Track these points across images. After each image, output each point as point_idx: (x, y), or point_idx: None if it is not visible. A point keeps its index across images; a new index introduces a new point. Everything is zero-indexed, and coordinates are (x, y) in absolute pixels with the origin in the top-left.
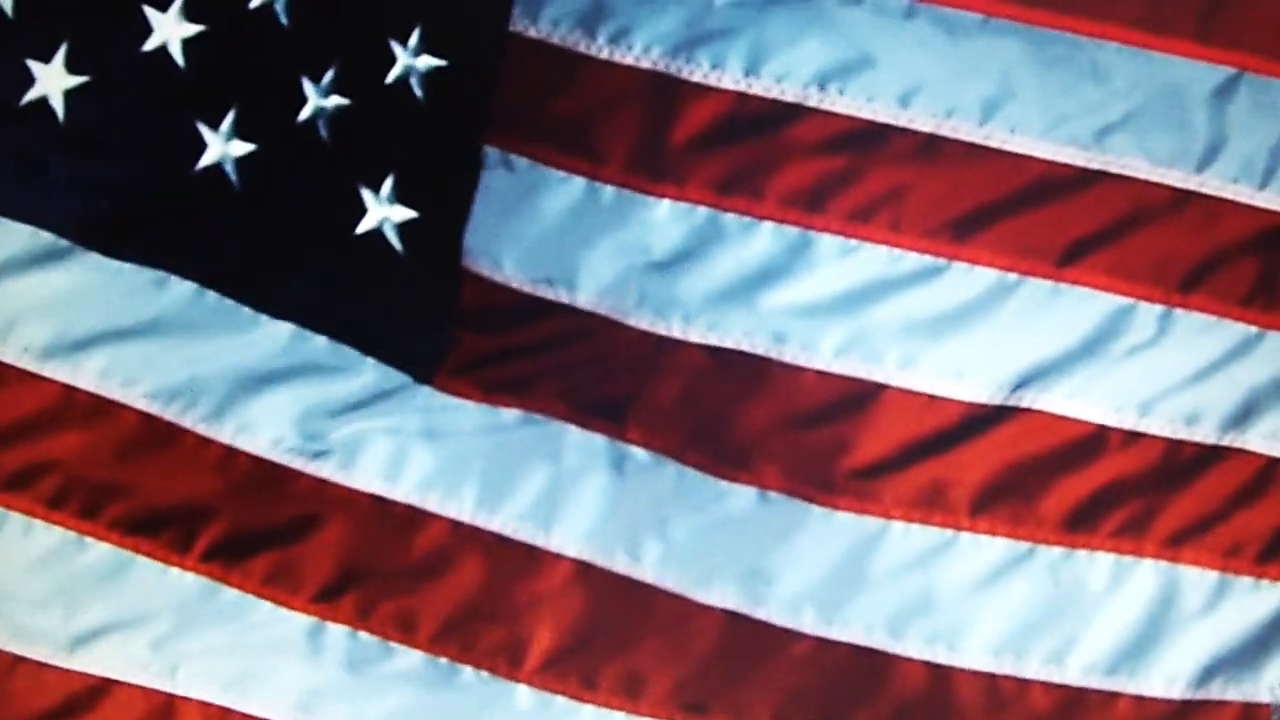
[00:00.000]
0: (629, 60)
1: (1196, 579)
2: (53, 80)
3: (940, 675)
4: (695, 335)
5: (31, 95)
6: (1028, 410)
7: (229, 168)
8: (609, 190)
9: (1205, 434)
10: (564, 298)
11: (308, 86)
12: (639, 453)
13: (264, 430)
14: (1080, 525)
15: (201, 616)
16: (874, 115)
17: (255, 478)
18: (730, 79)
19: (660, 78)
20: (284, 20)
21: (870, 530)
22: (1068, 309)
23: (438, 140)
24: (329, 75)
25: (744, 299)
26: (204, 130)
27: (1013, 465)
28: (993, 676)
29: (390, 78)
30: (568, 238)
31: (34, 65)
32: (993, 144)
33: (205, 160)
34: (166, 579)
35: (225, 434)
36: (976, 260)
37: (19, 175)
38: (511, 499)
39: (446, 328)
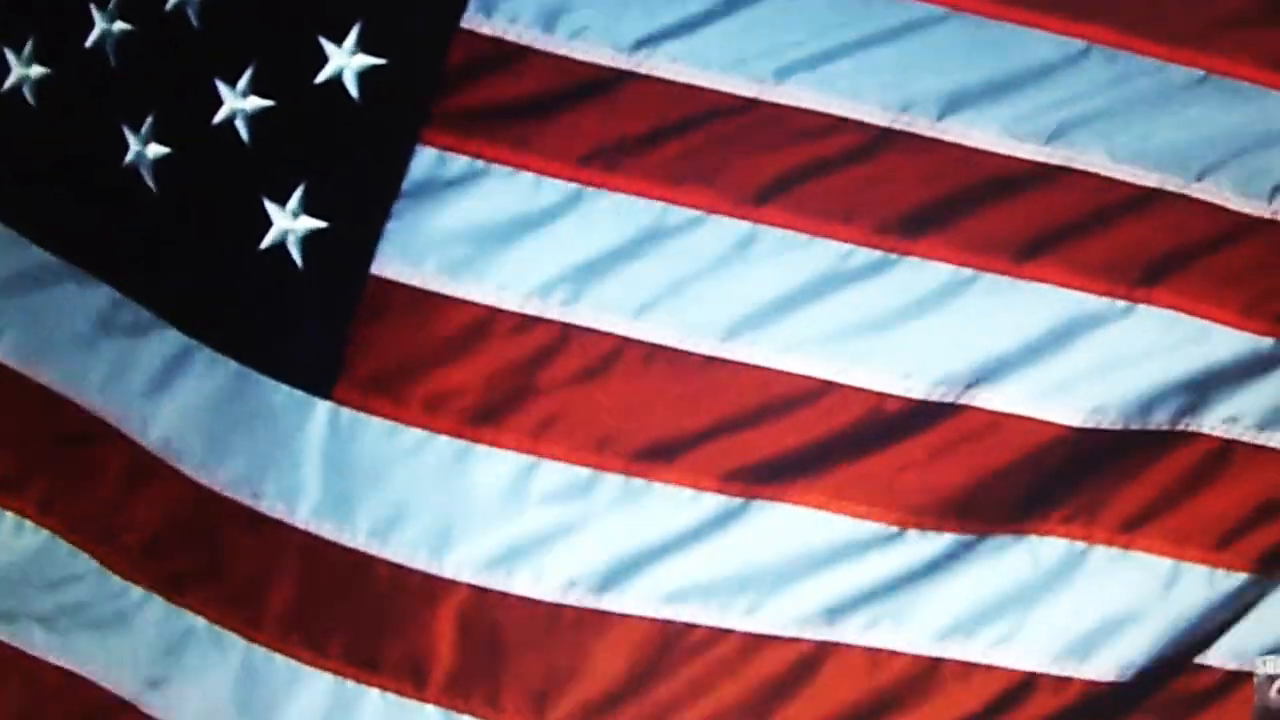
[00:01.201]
0: (588, 56)
1: (1151, 565)
2: (24, 69)
3: (881, 659)
4: (637, 333)
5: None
6: (979, 409)
7: (145, 171)
8: (557, 185)
9: (1159, 422)
10: (491, 298)
11: (222, 88)
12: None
13: (190, 457)
14: (1030, 513)
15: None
16: (827, 109)
17: (186, 498)
18: (687, 74)
19: (616, 73)
20: (195, 21)
21: (815, 522)
22: (1025, 305)
23: (368, 140)
24: (247, 75)
25: (690, 295)
26: (126, 131)
27: (963, 462)
28: (937, 660)
29: (321, 77)
30: (502, 234)
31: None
32: (949, 139)
33: (127, 160)
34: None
35: (165, 454)
36: (930, 255)
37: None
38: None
39: (342, 339)
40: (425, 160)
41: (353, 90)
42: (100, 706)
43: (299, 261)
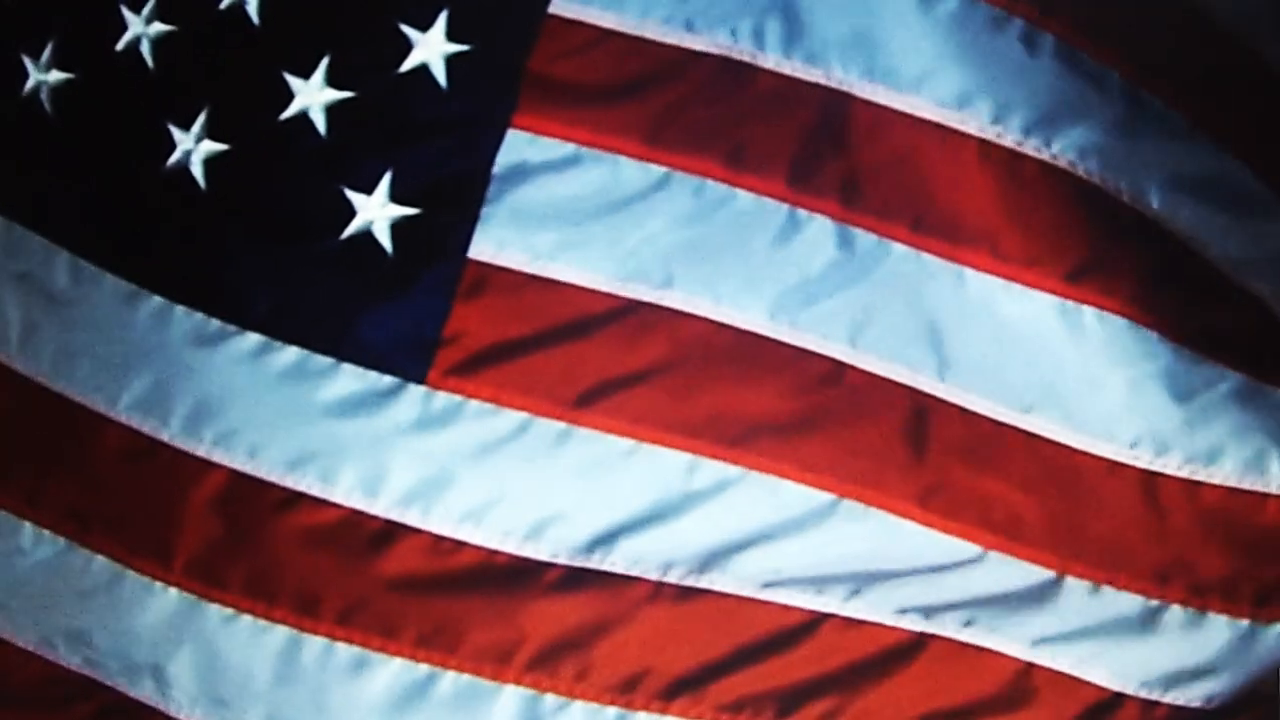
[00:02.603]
0: (684, 43)
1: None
2: (42, 74)
3: (974, 656)
4: (732, 320)
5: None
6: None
7: (196, 169)
8: (645, 167)
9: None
10: (585, 280)
11: (293, 81)
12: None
13: (239, 443)
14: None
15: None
16: None
17: (231, 492)
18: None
19: (721, 60)
20: (255, 18)
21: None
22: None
23: (457, 125)
24: (323, 67)
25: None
26: (174, 130)
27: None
28: (1030, 665)
29: (407, 65)
30: (594, 215)
31: (27, 60)
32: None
33: (173, 160)
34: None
35: (202, 449)
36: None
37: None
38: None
39: (438, 325)
40: (516, 143)
41: (440, 77)
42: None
43: (389, 249)
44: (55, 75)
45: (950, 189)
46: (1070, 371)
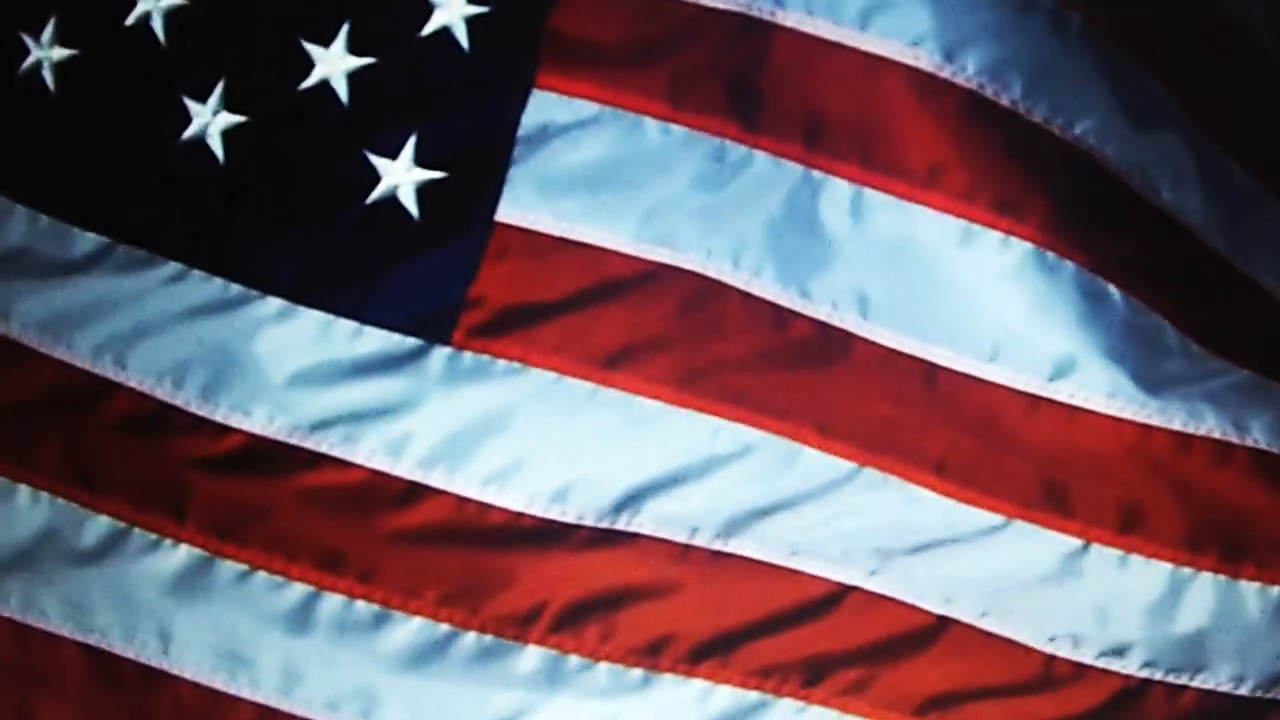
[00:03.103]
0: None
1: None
2: (44, 52)
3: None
4: (756, 289)
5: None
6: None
7: (213, 142)
8: (666, 127)
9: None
10: (608, 241)
11: (313, 49)
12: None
13: (258, 408)
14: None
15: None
16: None
17: (250, 454)
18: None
19: (741, 19)
20: None
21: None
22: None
23: (481, 87)
24: (343, 34)
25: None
26: (189, 103)
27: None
28: (1050, 657)
29: (429, 29)
30: (619, 176)
31: (27, 39)
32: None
33: (189, 133)
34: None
35: (219, 414)
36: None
37: (16, 152)
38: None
39: (465, 286)
40: (540, 104)
41: (462, 40)
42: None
43: (415, 213)
44: (59, 52)
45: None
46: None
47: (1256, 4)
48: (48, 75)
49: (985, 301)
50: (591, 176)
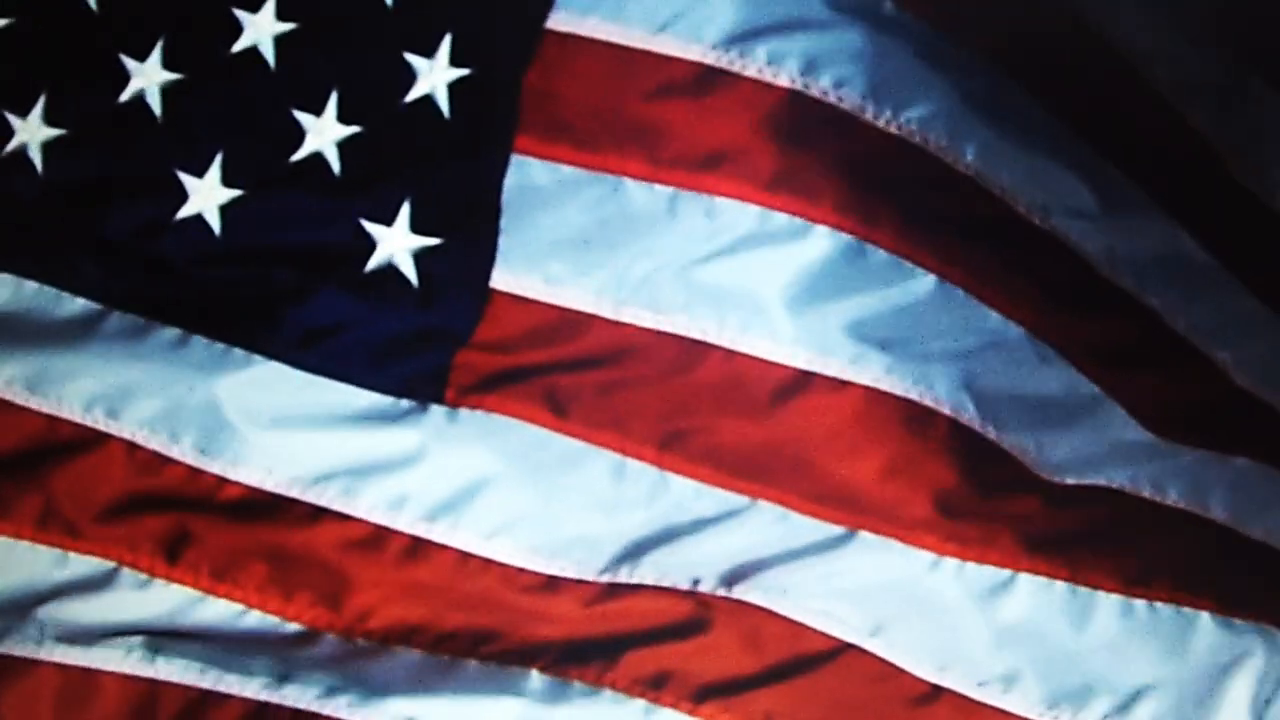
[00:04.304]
0: (677, 53)
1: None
2: (31, 133)
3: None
4: (727, 343)
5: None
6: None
7: (210, 216)
8: (658, 190)
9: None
10: (589, 305)
11: (305, 119)
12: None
13: (256, 462)
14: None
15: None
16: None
17: (249, 505)
18: (786, 76)
19: (713, 71)
20: (271, 61)
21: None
22: None
23: (463, 152)
24: (331, 104)
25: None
26: (185, 178)
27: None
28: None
29: (412, 95)
30: (600, 238)
31: (12, 118)
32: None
33: (187, 210)
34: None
35: (216, 466)
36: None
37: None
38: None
39: (459, 348)
40: (520, 167)
41: (443, 105)
42: None
43: (414, 280)
44: (47, 132)
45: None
46: None
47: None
48: (35, 155)
49: None
50: (577, 238)
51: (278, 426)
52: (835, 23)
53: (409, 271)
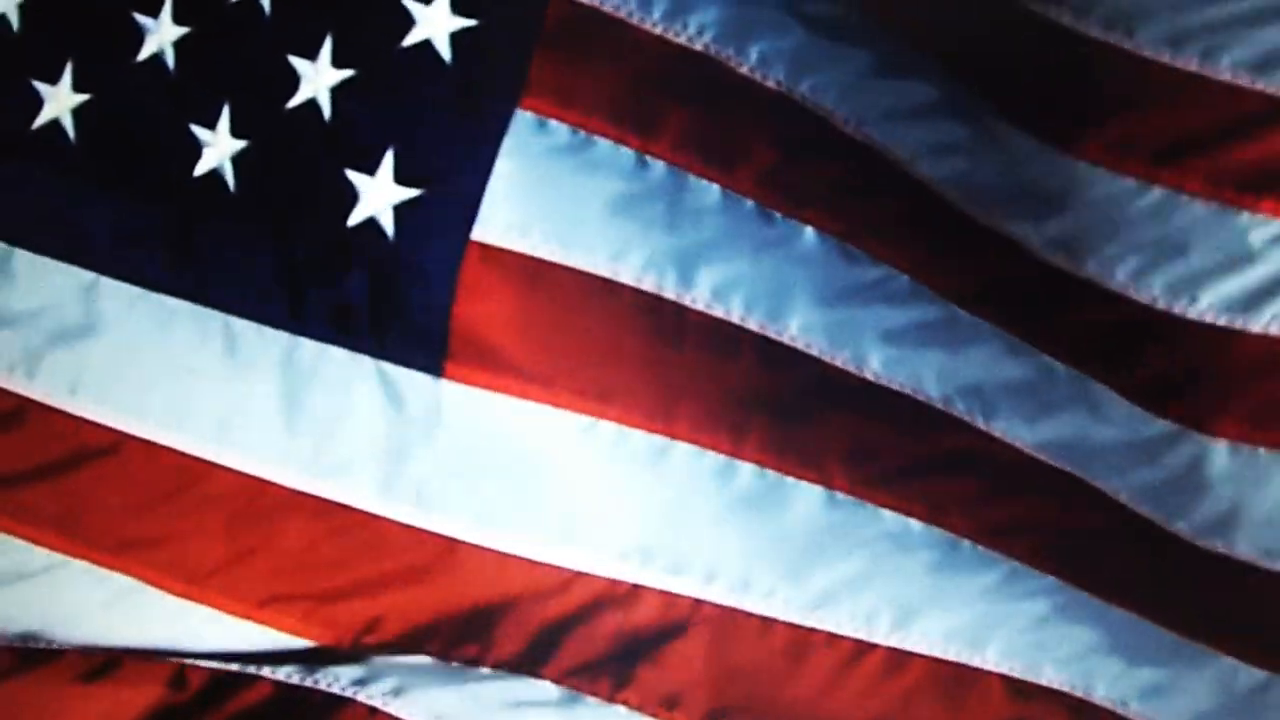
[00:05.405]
0: (681, 40)
1: None
2: (61, 100)
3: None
4: (752, 324)
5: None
6: None
7: (226, 170)
8: (659, 166)
9: None
10: (604, 270)
11: (300, 64)
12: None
13: (259, 449)
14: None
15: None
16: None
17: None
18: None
19: (711, 63)
20: (267, 8)
21: None
22: None
23: (461, 103)
24: (326, 47)
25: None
26: (200, 132)
27: None
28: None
29: (409, 40)
30: (607, 209)
31: (41, 86)
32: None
33: (203, 165)
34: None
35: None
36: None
37: (37, 205)
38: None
39: (446, 314)
40: (524, 125)
41: (444, 52)
42: None
43: (390, 233)
44: (76, 98)
45: None
46: None
47: None
48: (67, 123)
49: None
50: (582, 203)
51: (276, 404)
52: None
53: (388, 224)
